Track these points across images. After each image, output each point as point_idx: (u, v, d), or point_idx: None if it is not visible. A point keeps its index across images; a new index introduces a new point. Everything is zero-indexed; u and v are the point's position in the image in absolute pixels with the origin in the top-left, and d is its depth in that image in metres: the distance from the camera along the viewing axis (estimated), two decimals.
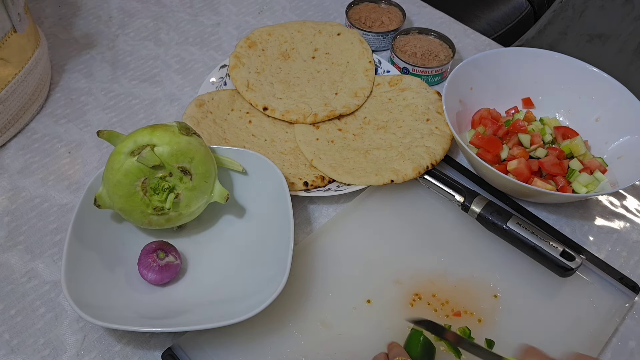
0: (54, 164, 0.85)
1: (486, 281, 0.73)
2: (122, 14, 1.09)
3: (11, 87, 0.83)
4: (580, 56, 0.88)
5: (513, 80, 0.90)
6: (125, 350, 0.67)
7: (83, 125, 0.90)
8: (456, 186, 0.78)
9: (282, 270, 0.65)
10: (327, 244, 0.76)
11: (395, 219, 0.79)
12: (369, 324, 0.69)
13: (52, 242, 0.76)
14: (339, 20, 1.09)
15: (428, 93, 0.91)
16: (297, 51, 0.99)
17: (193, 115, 0.86)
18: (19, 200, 0.80)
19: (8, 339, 0.67)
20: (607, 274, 0.73)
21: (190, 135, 0.70)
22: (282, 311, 0.69)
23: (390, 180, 0.79)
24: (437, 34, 1.00)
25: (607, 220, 0.81)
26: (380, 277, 0.73)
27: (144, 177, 0.68)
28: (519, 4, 1.50)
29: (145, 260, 0.69)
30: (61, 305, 0.70)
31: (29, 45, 0.87)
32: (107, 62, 1.00)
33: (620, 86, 0.84)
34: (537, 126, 0.85)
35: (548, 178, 0.80)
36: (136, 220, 0.70)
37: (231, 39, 1.06)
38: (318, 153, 0.83)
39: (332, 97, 0.91)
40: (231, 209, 0.78)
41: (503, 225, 0.73)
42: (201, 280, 0.72)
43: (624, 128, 0.82)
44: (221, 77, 0.94)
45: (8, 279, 0.72)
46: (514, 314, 0.70)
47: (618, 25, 1.29)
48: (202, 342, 0.66)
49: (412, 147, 0.83)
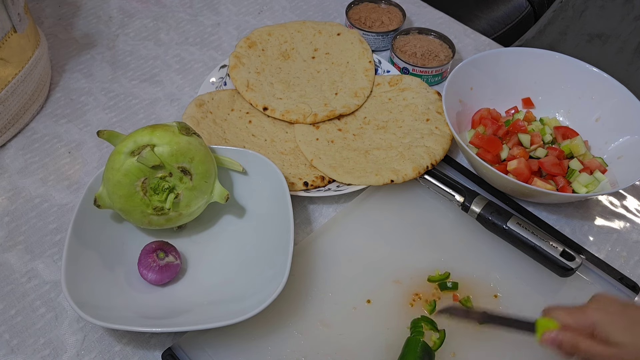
0: (54, 164, 0.85)
1: (486, 281, 0.73)
2: (122, 14, 1.09)
3: (11, 87, 0.83)
4: (580, 56, 0.88)
5: (513, 80, 0.90)
6: (125, 350, 0.67)
7: (83, 125, 0.90)
8: (456, 186, 0.78)
9: (282, 270, 0.65)
10: (327, 244, 0.76)
11: (395, 219, 0.79)
12: (369, 324, 0.69)
13: (52, 242, 0.76)
14: (339, 20, 1.09)
15: (428, 93, 0.91)
16: (297, 51, 0.99)
17: (193, 115, 0.86)
18: (19, 200, 0.80)
19: (8, 339, 0.67)
20: (607, 274, 0.73)
21: (190, 135, 0.70)
22: (282, 311, 0.69)
23: (390, 180, 0.79)
24: (437, 34, 1.00)
25: (607, 220, 0.81)
26: (380, 277, 0.73)
27: (144, 177, 0.68)
28: (519, 4, 1.50)
29: (145, 260, 0.69)
30: (61, 305, 0.70)
31: (29, 45, 0.87)
32: (107, 62, 1.00)
33: (620, 86, 0.84)
34: (537, 126, 0.85)
35: (548, 178, 0.80)
36: (136, 220, 0.70)
37: (231, 39, 1.06)
38: (318, 153, 0.83)
39: (332, 97, 0.91)
40: (231, 209, 0.78)
41: (503, 225, 0.73)
42: (201, 280, 0.72)
43: (624, 128, 0.82)
44: (221, 77, 0.94)
45: (8, 279, 0.72)
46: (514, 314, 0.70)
47: (618, 25, 1.29)
48: (202, 342, 0.66)
49: (412, 147, 0.83)
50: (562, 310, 0.56)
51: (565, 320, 0.55)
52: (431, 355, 0.64)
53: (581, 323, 0.55)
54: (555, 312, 0.57)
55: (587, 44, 1.33)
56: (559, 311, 0.56)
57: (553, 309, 0.57)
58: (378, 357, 0.66)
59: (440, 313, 0.64)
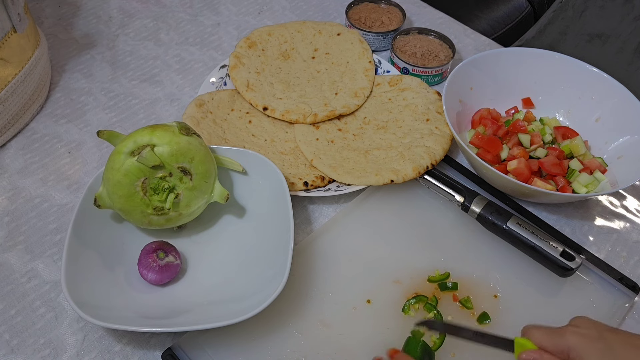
0: (54, 164, 0.85)
1: (486, 281, 0.73)
2: (122, 14, 1.09)
3: (11, 87, 0.83)
4: (580, 56, 0.88)
5: (513, 80, 0.90)
6: (125, 350, 0.67)
7: (83, 125, 0.90)
8: (456, 186, 0.78)
9: (282, 270, 0.65)
10: (327, 244, 0.76)
11: (395, 219, 0.79)
12: (369, 323, 0.69)
13: (52, 242, 0.76)
14: (339, 20, 1.09)
15: (428, 93, 0.91)
16: (297, 51, 0.99)
17: (193, 115, 0.86)
18: (19, 200, 0.80)
19: (8, 339, 0.67)
20: (607, 274, 0.73)
21: (190, 135, 0.70)
22: (282, 311, 0.69)
23: (390, 180, 0.79)
24: (437, 34, 1.00)
25: (607, 220, 0.81)
26: (380, 277, 0.73)
27: (144, 177, 0.68)
28: (519, 4, 1.50)
29: (145, 260, 0.69)
30: (61, 305, 0.70)
31: (29, 45, 0.87)
32: (107, 62, 1.00)
33: (620, 86, 0.84)
34: (537, 126, 0.85)
35: (548, 178, 0.80)
36: (136, 220, 0.70)
37: (231, 39, 1.06)
38: (318, 153, 0.83)
39: (332, 97, 0.91)
40: (231, 209, 0.78)
41: (503, 225, 0.73)
42: (201, 280, 0.72)
43: (624, 128, 0.82)
44: (221, 77, 0.94)
45: (8, 279, 0.72)
46: (514, 314, 0.70)
47: (618, 25, 1.29)
48: (202, 342, 0.66)
49: (412, 147, 0.83)
50: (540, 332, 0.56)
51: (543, 342, 0.55)
52: (431, 355, 0.64)
53: (558, 346, 0.54)
54: (533, 332, 0.56)
55: (587, 44, 1.33)
56: (537, 332, 0.56)
57: (531, 328, 0.57)
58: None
59: (419, 325, 0.65)
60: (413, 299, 0.70)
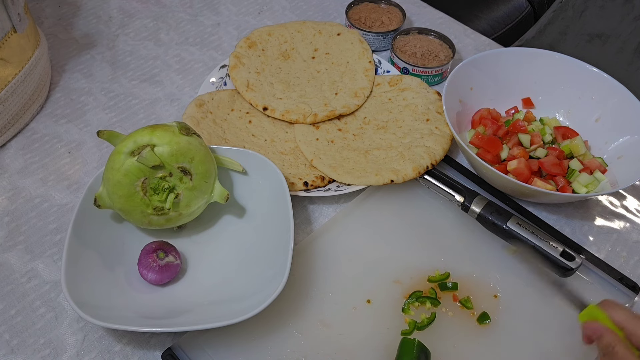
0: (54, 164, 0.85)
1: (486, 281, 0.73)
2: (122, 14, 1.09)
3: (11, 87, 0.83)
4: (580, 56, 0.88)
5: (513, 80, 0.90)
6: (125, 350, 0.67)
7: (83, 125, 0.90)
8: (456, 186, 0.78)
9: (282, 270, 0.65)
10: (327, 244, 0.76)
11: (395, 219, 0.79)
12: (369, 324, 0.69)
13: (52, 242, 0.76)
14: (339, 20, 1.09)
15: (428, 93, 0.91)
16: (297, 51, 0.99)
17: (193, 115, 0.86)
18: (19, 200, 0.80)
19: (8, 339, 0.67)
20: (607, 274, 0.73)
21: (190, 135, 0.70)
22: (282, 311, 0.69)
23: (390, 180, 0.79)
24: (437, 34, 1.00)
25: (607, 220, 0.81)
26: (380, 277, 0.73)
27: (144, 177, 0.68)
28: (519, 4, 1.50)
29: (145, 260, 0.69)
30: (61, 305, 0.70)
31: (29, 45, 0.87)
32: (107, 62, 1.00)
33: (620, 86, 0.84)
34: (537, 126, 0.85)
35: (548, 178, 0.80)
36: (136, 220, 0.70)
37: (231, 39, 1.06)
38: (318, 153, 0.83)
39: (332, 97, 0.91)
40: (231, 209, 0.78)
41: (503, 225, 0.73)
42: (201, 280, 0.72)
43: (624, 128, 0.82)
44: (221, 77, 0.94)
45: (8, 279, 0.72)
46: (514, 314, 0.70)
47: (618, 25, 1.29)
48: (202, 342, 0.66)
49: (412, 147, 0.83)
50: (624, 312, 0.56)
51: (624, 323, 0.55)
52: (427, 354, 0.64)
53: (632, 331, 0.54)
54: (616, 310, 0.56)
55: (587, 44, 1.33)
56: (621, 312, 0.56)
57: (615, 306, 0.57)
58: (378, 357, 0.66)
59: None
60: (410, 297, 0.70)
